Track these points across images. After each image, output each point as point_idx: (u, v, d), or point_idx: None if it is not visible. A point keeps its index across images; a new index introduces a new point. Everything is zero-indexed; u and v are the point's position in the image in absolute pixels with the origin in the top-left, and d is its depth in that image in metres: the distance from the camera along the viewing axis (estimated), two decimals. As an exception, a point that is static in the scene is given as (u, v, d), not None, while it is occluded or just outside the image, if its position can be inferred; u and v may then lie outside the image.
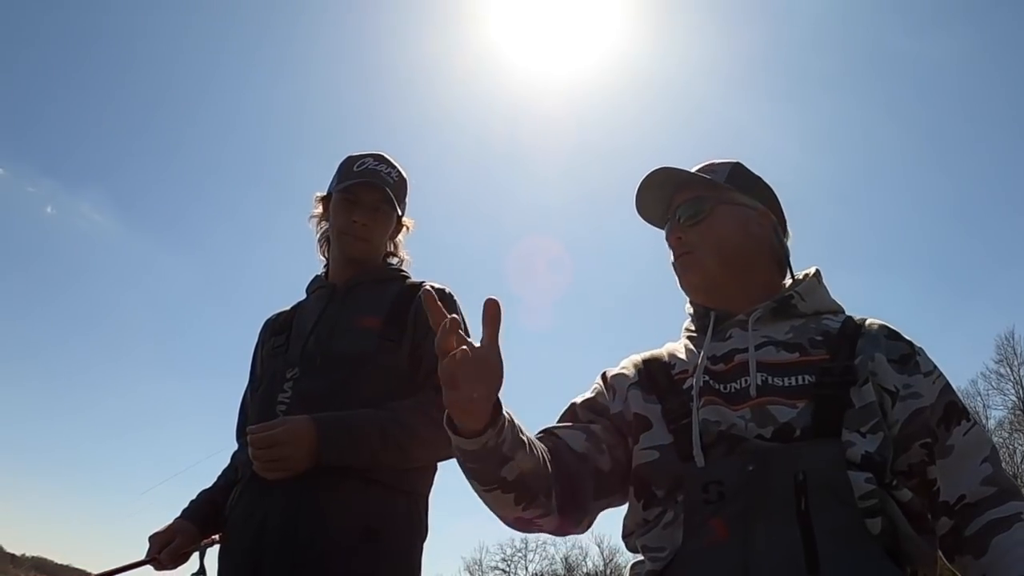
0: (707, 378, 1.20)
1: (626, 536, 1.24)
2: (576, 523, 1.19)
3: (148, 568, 1.72)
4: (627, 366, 1.33)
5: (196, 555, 1.78)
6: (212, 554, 1.77)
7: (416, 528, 1.71)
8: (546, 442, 1.18)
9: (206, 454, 1.93)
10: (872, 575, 1.01)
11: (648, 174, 1.35)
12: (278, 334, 1.88)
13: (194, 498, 1.84)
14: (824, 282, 1.34)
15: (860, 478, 1.05)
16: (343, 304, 1.83)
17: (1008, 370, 23.93)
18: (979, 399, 24.00)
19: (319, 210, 1.97)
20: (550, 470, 1.13)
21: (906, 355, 1.20)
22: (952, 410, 1.18)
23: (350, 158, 1.91)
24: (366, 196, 1.85)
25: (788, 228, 1.38)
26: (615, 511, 1.28)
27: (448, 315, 0.95)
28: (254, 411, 1.79)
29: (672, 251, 1.36)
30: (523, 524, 1.14)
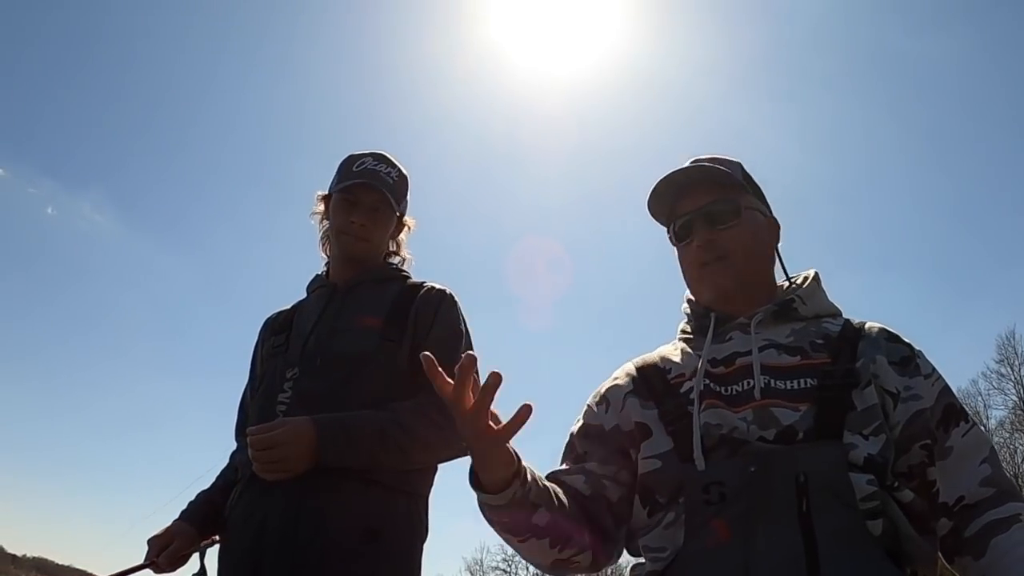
0: (708, 381, 1.19)
1: (628, 539, 1.24)
2: (609, 555, 1.22)
3: (147, 572, 1.71)
4: (620, 376, 1.32)
5: (196, 556, 1.77)
6: (212, 554, 1.77)
7: (416, 529, 1.70)
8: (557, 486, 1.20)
9: (224, 457, 1.92)
10: None
11: (680, 169, 1.30)
12: (278, 333, 1.88)
13: (192, 499, 1.84)
14: (823, 285, 1.33)
15: (862, 480, 1.05)
16: (343, 304, 1.83)
17: (1009, 370, 23.90)
18: (980, 399, 24.00)
19: (320, 208, 1.97)
20: (573, 509, 1.16)
21: (906, 357, 1.21)
22: (951, 412, 1.18)
23: (350, 157, 1.90)
24: (365, 197, 1.84)
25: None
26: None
27: (448, 379, 0.95)
28: (254, 411, 1.79)
29: (695, 252, 1.29)
30: (561, 566, 1.18)
